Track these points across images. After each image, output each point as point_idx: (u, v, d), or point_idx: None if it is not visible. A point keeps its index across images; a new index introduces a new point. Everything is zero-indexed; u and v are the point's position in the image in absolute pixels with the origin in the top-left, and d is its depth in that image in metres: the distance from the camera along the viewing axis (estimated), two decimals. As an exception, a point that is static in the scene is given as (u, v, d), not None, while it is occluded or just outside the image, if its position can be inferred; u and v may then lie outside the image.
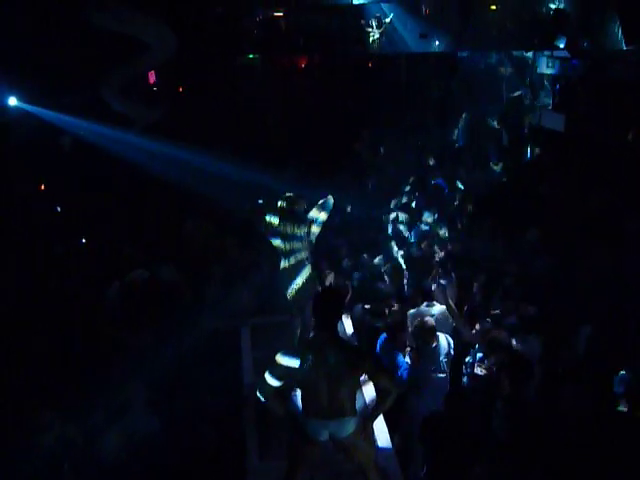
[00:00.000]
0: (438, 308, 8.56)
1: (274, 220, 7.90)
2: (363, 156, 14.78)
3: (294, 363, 5.68)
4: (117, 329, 8.69)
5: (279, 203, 7.95)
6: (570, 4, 14.55)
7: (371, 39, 14.80)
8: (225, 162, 11.94)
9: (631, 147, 12.70)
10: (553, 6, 14.54)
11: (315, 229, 8.02)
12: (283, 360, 5.74)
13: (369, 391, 7.41)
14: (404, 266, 10.28)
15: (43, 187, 11.84)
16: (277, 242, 7.97)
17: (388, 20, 14.81)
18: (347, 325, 9.09)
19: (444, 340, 7.80)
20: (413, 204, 12.57)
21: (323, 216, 8.03)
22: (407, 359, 7.79)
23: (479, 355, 7.73)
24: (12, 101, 11.06)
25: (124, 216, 11.19)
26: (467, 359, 7.85)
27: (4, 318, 8.44)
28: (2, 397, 7.04)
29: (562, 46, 14.50)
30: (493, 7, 14.88)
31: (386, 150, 15.02)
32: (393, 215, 11.96)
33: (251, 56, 14.07)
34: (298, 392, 6.22)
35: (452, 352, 7.79)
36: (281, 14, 14.62)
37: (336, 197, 8.30)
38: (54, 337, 8.26)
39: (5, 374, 7.48)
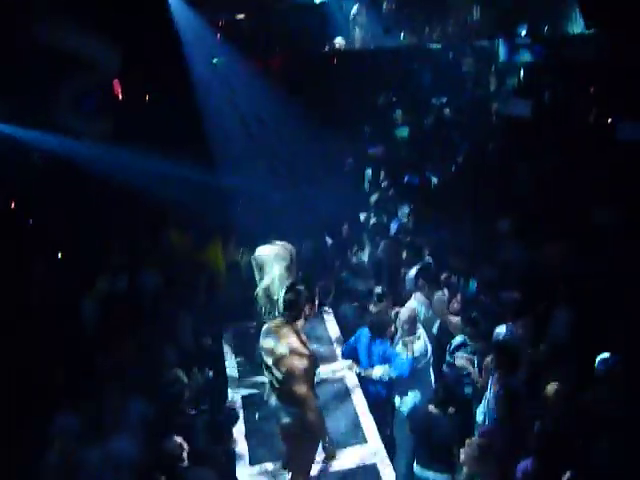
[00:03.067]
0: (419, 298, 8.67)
1: None
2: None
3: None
4: (98, 341, 8.73)
5: None
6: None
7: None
8: (196, 168, 11.94)
9: (595, 129, 12.88)
10: (513, -6, 14.67)
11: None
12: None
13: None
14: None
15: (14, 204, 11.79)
16: None
17: (351, 16, 14.89)
18: (330, 323, 9.15)
19: (424, 334, 7.90)
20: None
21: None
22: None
23: (457, 341, 7.87)
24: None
25: (103, 226, 11.17)
26: (448, 346, 7.98)
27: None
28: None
29: (524, 33, 14.64)
30: (454, -1, 14.97)
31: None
32: (371, 212, 12.09)
33: (215, 60, 14.02)
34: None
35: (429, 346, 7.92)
36: (243, 16, 14.62)
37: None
38: (34, 352, 8.26)
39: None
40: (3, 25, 10.53)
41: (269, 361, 5.86)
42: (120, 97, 13.52)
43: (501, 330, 7.82)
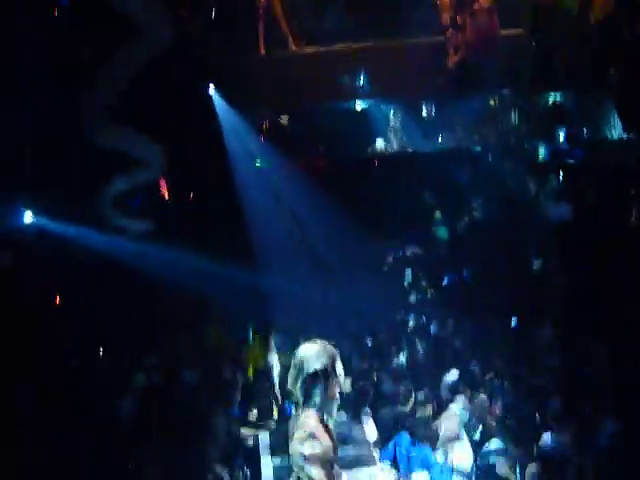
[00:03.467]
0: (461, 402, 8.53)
1: None
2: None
3: None
4: (135, 440, 8.72)
5: None
6: (567, 95, 14.94)
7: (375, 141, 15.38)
8: (238, 265, 12.12)
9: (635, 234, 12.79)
10: (551, 99, 14.93)
11: None
12: None
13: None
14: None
15: (58, 300, 11.94)
16: None
17: (391, 120, 15.34)
18: (369, 426, 8.99)
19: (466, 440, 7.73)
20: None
21: None
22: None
23: (499, 445, 7.68)
24: (28, 218, 11.27)
25: (144, 323, 11.30)
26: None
27: (16, 430, 8.43)
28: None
29: (562, 137, 14.80)
30: (492, 102, 15.28)
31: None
32: (411, 312, 12.07)
33: (258, 163, 14.39)
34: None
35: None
36: (285, 121, 15.08)
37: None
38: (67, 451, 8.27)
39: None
40: (54, 125, 10.95)
41: (292, 450, 5.83)
42: (164, 196, 13.88)
43: (545, 437, 7.63)
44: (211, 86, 12.72)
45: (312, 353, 7.97)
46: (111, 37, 10.99)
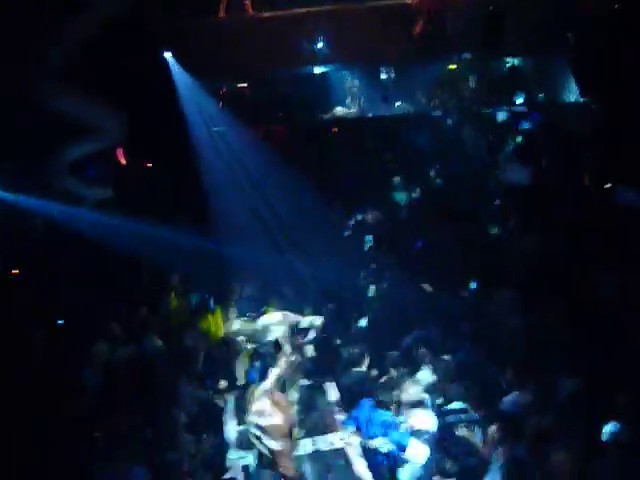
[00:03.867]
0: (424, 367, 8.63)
1: None
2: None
3: None
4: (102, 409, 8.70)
5: None
6: (525, 60, 15.02)
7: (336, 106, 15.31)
8: (196, 234, 12.05)
9: (590, 196, 12.97)
10: (509, 64, 14.99)
11: None
12: None
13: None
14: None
15: (17, 271, 11.78)
16: None
17: (350, 86, 15.29)
18: (332, 392, 9.05)
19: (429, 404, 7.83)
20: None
21: None
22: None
23: (459, 407, 7.79)
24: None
25: (103, 292, 11.19)
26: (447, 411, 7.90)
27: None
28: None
29: (520, 101, 14.90)
30: (452, 67, 15.28)
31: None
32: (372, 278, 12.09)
33: (217, 129, 14.21)
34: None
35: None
36: (245, 85, 14.91)
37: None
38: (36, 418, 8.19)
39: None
40: (5, 90, 10.69)
41: (249, 420, 5.93)
42: (122, 163, 13.69)
43: (506, 399, 7.75)
44: (168, 51, 12.50)
45: (271, 323, 8.13)
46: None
